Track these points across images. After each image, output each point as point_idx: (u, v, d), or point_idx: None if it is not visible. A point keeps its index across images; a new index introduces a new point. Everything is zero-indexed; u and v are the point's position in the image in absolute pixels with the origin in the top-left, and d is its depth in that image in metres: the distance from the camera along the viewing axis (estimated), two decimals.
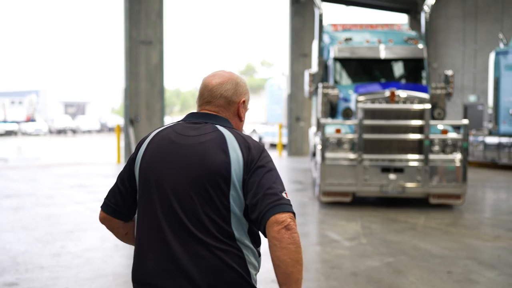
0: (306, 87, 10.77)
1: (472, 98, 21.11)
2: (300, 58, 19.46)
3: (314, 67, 11.16)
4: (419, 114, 8.76)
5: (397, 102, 8.83)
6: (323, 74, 10.81)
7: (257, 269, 1.87)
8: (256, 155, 1.83)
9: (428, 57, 10.39)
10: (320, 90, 9.87)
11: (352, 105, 9.16)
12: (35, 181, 11.97)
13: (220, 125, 1.91)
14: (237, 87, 1.98)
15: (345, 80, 10.47)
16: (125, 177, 1.97)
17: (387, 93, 8.83)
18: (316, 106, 10.70)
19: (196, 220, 1.79)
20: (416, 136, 8.71)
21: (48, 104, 75.16)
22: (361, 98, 8.93)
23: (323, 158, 8.74)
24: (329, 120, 9.26)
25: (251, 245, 1.84)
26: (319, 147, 9.16)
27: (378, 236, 6.78)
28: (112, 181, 12.26)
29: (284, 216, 1.70)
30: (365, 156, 8.69)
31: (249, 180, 1.79)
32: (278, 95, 28.56)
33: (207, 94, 1.97)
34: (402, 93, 8.85)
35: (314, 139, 12.67)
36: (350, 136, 8.89)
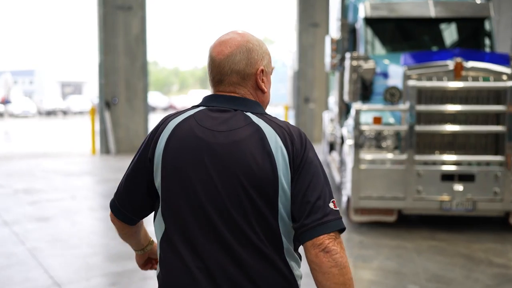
0: (327, 59, 7.98)
1: None
2: (310, 29, 16.59)
3: (334, 34, 8.35)
4: (496, 96, 6.00)
5: (465, 78, 6.05)
6: (348, 42, 8.02)
7: (301, 278, 1.62)
8: (299, 147, 1.55)
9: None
10: (347, 63, 7.09)
11: (397, 83, 6.38)
12: None
13: (252, 113, 1.59)
14: (249, 54, 1.60)
15: (380, 49, 7.67)
16: (139, 178, 1.64)
17: (450, 65, 6.05)
18: (340, 84, 7.94)
19: (241, 235, 1.51)
20: (493, 128, 5.98)
21: (44, 84, 72.38)
22: (412, 72, 6.15)
23: (356, 160, 6.01)
24: (366, 105, 6.51)
25: (296, 255, 1.61)
26: (349, 142, 6.42)
27: None
28: (75, 182, 9.46)
29: (321, 238, 1.47)
30: (418, 157, 5.95)
31: (297, 182, 1.53)
32: (283, 72, 25.80)
33: (215, 71, 1.62)
34: (473, 65, 6.06)
35: (330, 126, 10.01)
36: (395, 128, 6.16)
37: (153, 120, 9.34)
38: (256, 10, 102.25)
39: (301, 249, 1.64)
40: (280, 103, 22.38)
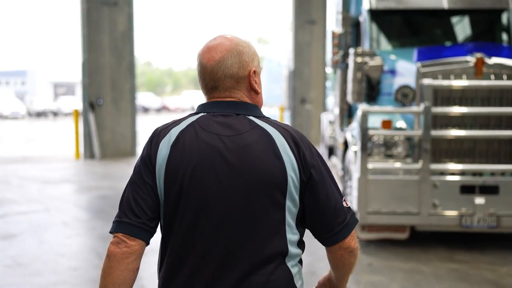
0: (329, 55, 7.23)
1: None
2: (307, 26, 15.82)
3: (335, 29, 7.59)
4: None
5: (487, 76, 5.32)
6: (351, 37, 7.26)
7: (302, 286, 1.64)
8: (307, 152, 1.57)
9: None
10: (351, 59, 6.34)
11: (408, 81, 5.63)
12: None
13: (254, 116, 1.60)
14: (241, 57, 1.60)
15: (386, 44, 6.91)
16: (145, 185, 1.57)
17: (470, 60, 5.31)
18: (342, 83, 7.18)
19: (247, 241, 1.51)
20: None
21: (37, 84, 71.30)
22: (427, 69, 5.41)
23: (363, 169, 5.25)
24: (374, 107, 5.77)
25: (298, 263, 1.62)
26: (354, 149, 5.68)
27: None
28: (52, 191, 6.85)
29: (347, 242, 1.60)
30: (434, 166, 5.21)
31: (314, 191, 1.56)
32: (278, 72, 25.12)
33: (208, 78, 1.61)
34: (496, 61, 5.32)
35: (330, 128, 9.27)
36: (408, 133, 5.41)
37: (142, 123, 8.60)
38: (250, 8, 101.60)
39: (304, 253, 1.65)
40: (275, 104, 21.65)
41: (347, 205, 1.63)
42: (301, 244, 1.62)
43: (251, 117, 1.59)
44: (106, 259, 1.54)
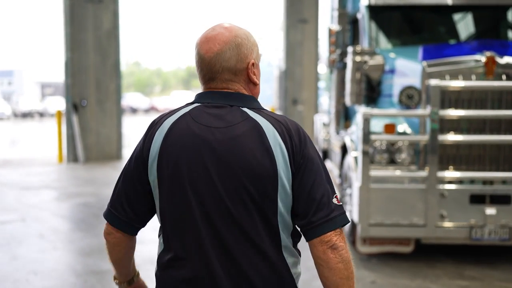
0: (325, 54, 6.81)
1: None
2: (298, 25, 15.41)
3: (330, 26, 7.16)
4: None
5: (498, 77, 4.92)
6: (348, 35, 6.85)
7: (299, 276, 1.62)
8: (298, 143, 1.54)
9: None
10: (350, 58, 5.93)
11: (412, 82, 5.21)
12: None
13: (248, 108, 1.58)
14: (239, 50, 1.56)
15: (385, 42, 6.48)
16: (136, 179, 1.60)
17: (480, 60, 4.90)
18: (339, 83, 6.76)
19: (238, 231, 1.51)
20: None
21: (24, 84, 70.35)
22: (433, 69, 5.00)
23: (365, 177, 4.83)
24: (376, 109, 5.35)
25: (295, 252, 1.60)
26: (354, 154, 5.26)
27: None
28: (31, 199, 5.80)
29: (329, 235, 1.50)
30: (441, 174, 4.80)
31: (301, 181, 1.53)
32: (268, 72, 24.83)
33: (206, 70, 1.59)
34: (508, 61, 4.93)
35: (324, 131, 8.87)
36: (412, 138, 5.00)
37: (130, 124, 8.11)
38: (240, 6, 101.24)
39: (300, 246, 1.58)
40: (266, 105, 21.31)
41: (338, 202, 1.55)
42: (295, 235, 1.59)
43: (245, 109, 1.57)
44: (105, 240, 1.69)
